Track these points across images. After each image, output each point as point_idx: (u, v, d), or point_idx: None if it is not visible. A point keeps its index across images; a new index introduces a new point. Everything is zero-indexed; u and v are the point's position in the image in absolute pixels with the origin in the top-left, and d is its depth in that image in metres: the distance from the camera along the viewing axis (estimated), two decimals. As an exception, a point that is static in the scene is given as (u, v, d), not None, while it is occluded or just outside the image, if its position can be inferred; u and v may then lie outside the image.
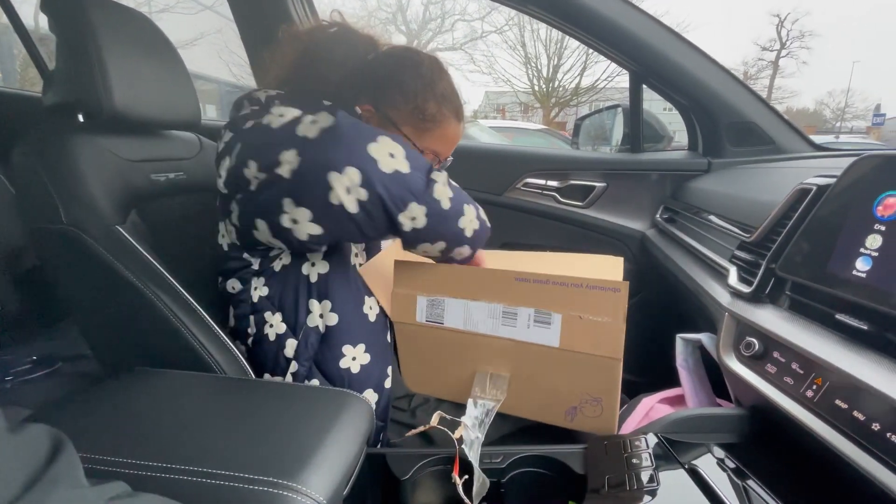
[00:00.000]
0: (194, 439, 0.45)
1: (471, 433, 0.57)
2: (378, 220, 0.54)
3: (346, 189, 0.51)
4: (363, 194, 0.52)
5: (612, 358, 0.58)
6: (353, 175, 0.51)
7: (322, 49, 0.72)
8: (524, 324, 0.61)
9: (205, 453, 0.43)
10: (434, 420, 0.61)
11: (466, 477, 0.54)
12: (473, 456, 0.55)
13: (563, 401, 0.63)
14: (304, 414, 0.49)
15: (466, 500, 0.52)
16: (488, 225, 0.65)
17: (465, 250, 0.62)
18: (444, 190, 0.57)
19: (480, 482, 0.54)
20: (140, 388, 0.58)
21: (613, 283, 0.57)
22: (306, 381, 0.65)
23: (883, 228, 0.48)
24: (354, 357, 0.66)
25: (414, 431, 0.66)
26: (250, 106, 0.67)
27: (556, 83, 16.03)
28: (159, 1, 9.21)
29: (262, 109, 0.63)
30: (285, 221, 0.55)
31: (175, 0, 9.20)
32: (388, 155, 0.53)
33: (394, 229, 0.56)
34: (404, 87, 0.69)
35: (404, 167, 0.54)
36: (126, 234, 0.66)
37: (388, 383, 0.70)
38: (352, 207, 0.52)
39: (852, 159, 0.55)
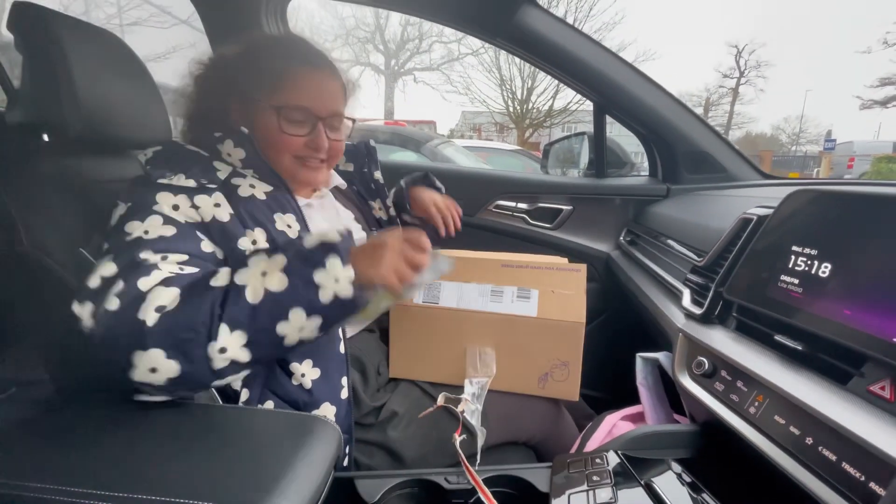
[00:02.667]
0: (152, 467, 0.45)
1: (471, 405, 0.72)
2: None
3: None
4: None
5: (577, 322, 0.74)
6: None
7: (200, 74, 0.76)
8: (509, 299, 0.77)
9: (163, 482, 0.43)
10: (440, 400, 0.74)
11: (464, 436, 0.69)
12: (476, 420, 0.70)
13: (538, 368, 0.78)
14: (269, 439, 0.50)
15: (462, 455, 0.63)
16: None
17: None
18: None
19: (483, 436, 0.70)
20: (97, 414, 0.57)
21: (575, 265, 0.77)
22: (259, 406, 0.65)
23: (814, 253, 0.52)
24: (304, 374, 0.67)
25: (427, 411, 0.74)
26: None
27: (530, 105, 16.47)
28: (130, 14, 9.07)
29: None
30: None
31: (148, 14, 9.07)
32: None
33: None
34: (243, 61, 0.72)
35: None
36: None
37: (344, 394, 0.70)
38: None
39: (792, 189, 0.60)
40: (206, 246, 0.63)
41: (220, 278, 0.57)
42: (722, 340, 0.61)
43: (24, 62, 0.74)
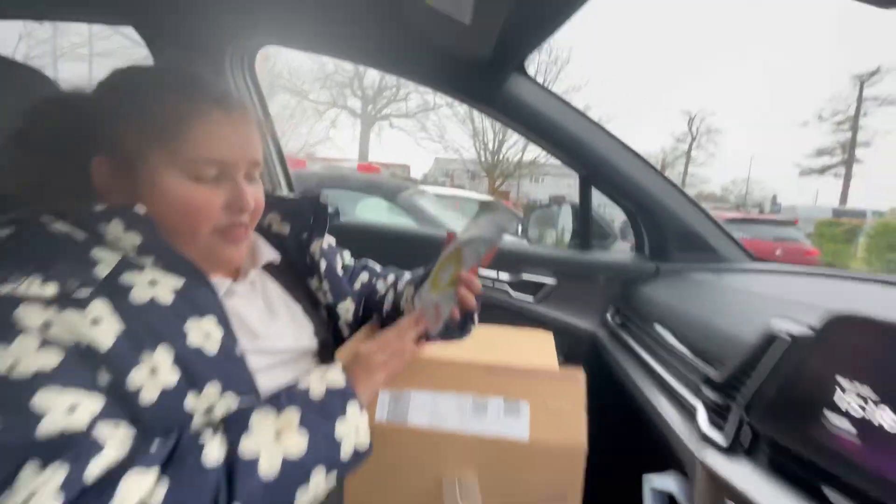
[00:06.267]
0: None
1: None
2: None
3: None
4: None
5: (577, 446, 0.60)
6: None
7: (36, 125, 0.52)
8: (495, 414, 0.61)
9: None
10: None
11: None
12: None
13: (528, 502, 0.62)
14: None
15: None
16: None
17: None
18: None
19: None
20: None
21: (571, 372, 0.64)
22: None
23: (874, 397, 0.44)
24: None
25: None
26: None
27: (501, 156, 17.08)
28: (99, 45, 8.94)
29: None
30: None
31: (115, 45, 8.94)
32: None
33: None
34: (119, 107, 0.52)
35: None
36: None
37: None
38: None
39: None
40: (101, 378, 0.43)
41: (213, 451, 0.44)
42: (755, 482, 0.50)
43: None
